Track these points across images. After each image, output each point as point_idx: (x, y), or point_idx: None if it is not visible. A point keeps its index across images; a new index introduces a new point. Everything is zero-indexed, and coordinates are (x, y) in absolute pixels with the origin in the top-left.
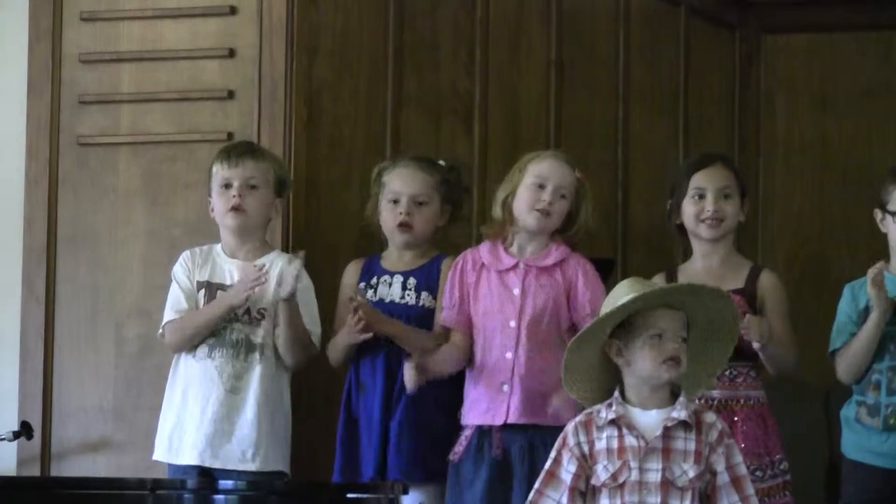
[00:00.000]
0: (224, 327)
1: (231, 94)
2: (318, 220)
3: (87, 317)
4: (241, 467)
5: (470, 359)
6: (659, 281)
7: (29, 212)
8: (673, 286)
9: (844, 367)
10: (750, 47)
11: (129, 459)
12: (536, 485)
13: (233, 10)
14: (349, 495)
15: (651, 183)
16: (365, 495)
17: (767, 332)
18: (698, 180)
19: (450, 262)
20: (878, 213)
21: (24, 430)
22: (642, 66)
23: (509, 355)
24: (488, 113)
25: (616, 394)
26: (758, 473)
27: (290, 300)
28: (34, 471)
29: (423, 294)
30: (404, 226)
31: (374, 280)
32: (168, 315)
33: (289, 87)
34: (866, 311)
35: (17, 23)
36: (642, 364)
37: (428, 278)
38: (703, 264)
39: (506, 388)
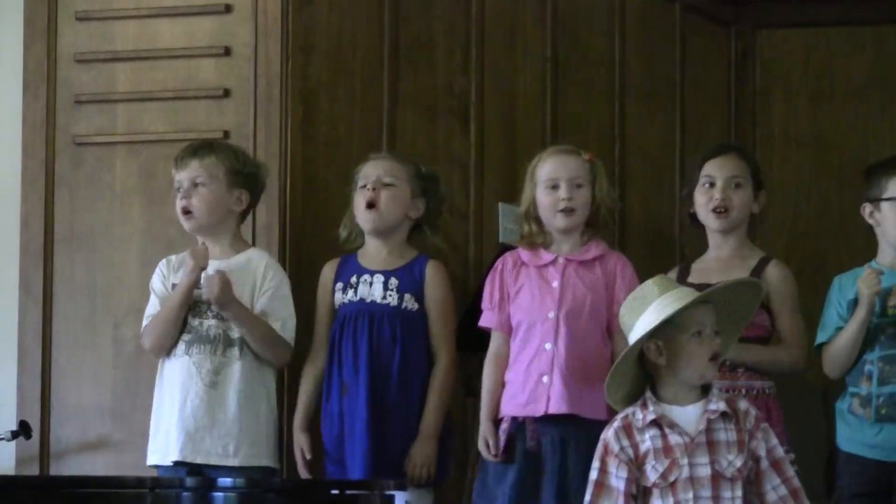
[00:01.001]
0: (200, 323)
1: (227, 93)
2: (315, 218)
3: (85, 316)
4: (222, 462)
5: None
6: (673, 277)
7: (25, 211)
8: (717, 288)
9: (829, 361)
10: (745, 43)
11: (127, 458)
12: (588, 498)
13: (228, 9)
14: (347, 492)
15: (648, 179)
16: (360, 492)
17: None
18: (709, 168)
19: (434, 265)
20: (866, 208)
21: (23, 430)
22: (638, 63)
23: (549, 346)
24: (484, 111)
25: (649, 393)
26: None
27: (225, 307)
28: (33, 470)
29: (406, 296)
30: (369, 205)
31: (354, 279)
32: (143, 322)
33: (284, 85)
34: (854, 304)
35: (12, 22)
36: (689, 363)
37: (410, 280)
38: (715, 255)
39: (546, 379)
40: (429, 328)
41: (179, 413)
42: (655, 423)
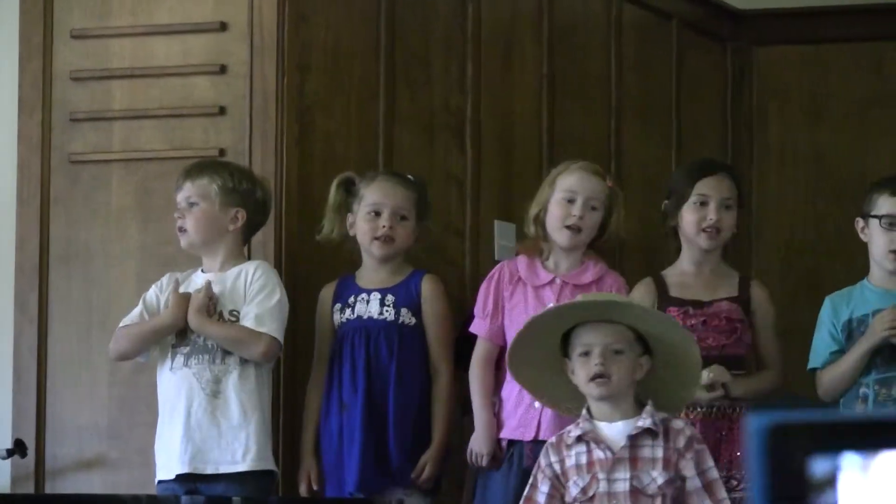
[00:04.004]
0: (198, 335)
1: (222, 111)
2: (311, 236)
3: (81, 335)
4: (232, 469)
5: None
6: (648, 288)
7: (21, 230)
8: (558, 306)
9: (825, 387)
10: (742, 60)
11: (124, 477)
12: None
13: (223, 27)
14: None
15: (645, 196)
16: None
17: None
18: (702, 188)
19: (430, 280)
20: (859, 222)
21: (18, 448)
22: (635, 80)
23: None
24: (481, 128)
25: (584, 411)
26: None
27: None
28: (28, 489)
29: (403, 310)
30: (386, 238)
31: (352, 299)
32: (120, 324)
33: (280, 103)
34: (848, 324)
35: (7, 41)
36: (578, 381)
37: (407, 295)
38: (695, 271)
39: (537, 404)
40: (427, 343)
41: (185, 425)
42: (582, 438)
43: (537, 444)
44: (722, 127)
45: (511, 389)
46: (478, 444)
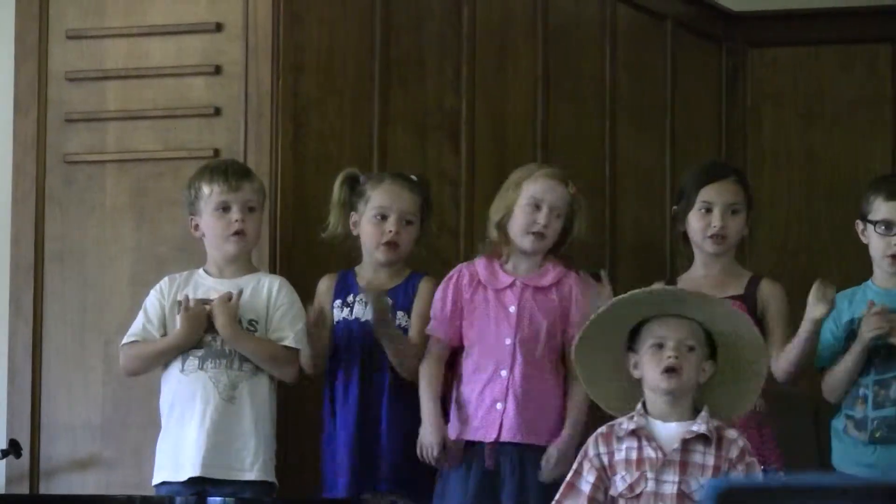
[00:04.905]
0: (214, 339)
1: (217, 111)
2: (306, 236)
3: (75, 334)
4: (240, 477)
5: (453, 372)
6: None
7: (16, 230)
8: (647, 290)
9: (827, 387)
10: (736, 61)
11: (118, 477)
12: (557, 496)
13: (218, 27)
14: None
15: (639, 197)
16: None
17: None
18: (707, 194)
19: (428, 282)
20: (858, 224)
21: (13, 448)
22: (628, 81)
23: (504, 373)
24: (475, 129)
25: (639, 406)
26: None
27: (229, 339)
28: (23, 489)
29: (400, 314)
30: (392, 244)
31: (350, 298)
32: (125, 339)
33: (275, 103)
34: (850, 324)
35: (2, 41)
36: (646, 374)
37: (405, 298)
38: (704, 273)
39: (499, 406)
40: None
41: (199, 429)
42: (635, 433)
43: (500, 445)
44: (716, 128)
45: (471, 391)
46: (427, 437)
